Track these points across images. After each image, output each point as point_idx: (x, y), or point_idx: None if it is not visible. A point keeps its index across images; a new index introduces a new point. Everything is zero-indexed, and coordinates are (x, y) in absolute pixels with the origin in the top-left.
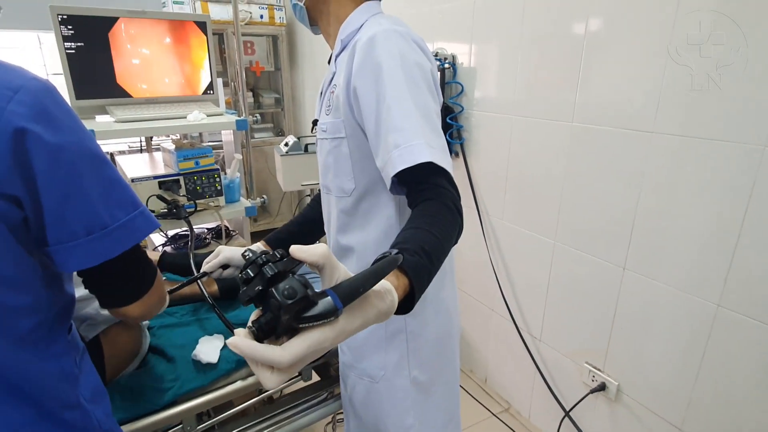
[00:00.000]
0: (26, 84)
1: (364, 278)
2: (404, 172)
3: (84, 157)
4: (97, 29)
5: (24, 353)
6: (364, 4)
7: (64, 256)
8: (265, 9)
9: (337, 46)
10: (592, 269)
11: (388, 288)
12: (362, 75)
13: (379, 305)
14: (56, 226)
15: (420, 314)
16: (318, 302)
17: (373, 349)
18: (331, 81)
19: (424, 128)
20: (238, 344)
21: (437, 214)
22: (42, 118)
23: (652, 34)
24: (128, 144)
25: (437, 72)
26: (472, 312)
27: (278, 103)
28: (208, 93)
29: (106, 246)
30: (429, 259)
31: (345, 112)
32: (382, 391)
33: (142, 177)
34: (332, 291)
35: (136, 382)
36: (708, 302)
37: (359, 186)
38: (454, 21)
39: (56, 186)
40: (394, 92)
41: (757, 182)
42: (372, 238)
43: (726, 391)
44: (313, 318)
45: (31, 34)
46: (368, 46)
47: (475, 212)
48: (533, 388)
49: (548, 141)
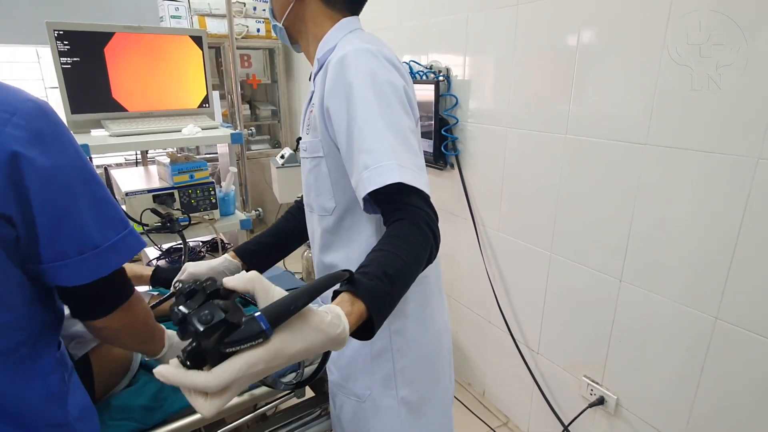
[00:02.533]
0: (22, 106)
1: (295, 297)
2: (376, 192)
3: (77, 178)
4: (93, 44)
5: (8, 371)
6: (341, 21)
7: (56, 273)
8: (262, 23)
9: (315, 65)
10: (588, 281)
11: (336, 313)
12: (334, 95)
13: (326, 330)
14: (49, 246)
15: (405, 332)
16: (243, 325)
17: (359, 369)
18: (310, 100)
19: (396, 148)
20: (163, 372)
21: (405, 235)
22: (37, 141)
23: (644, 45)
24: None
25: (412, 88)
26: (469, 324)
27: (275, 115)
28: (204, 106)
29: (97, 265)
30: (391, 282)
31: (322, 131)
32: (369, 410)
33: (137, 191)
34: (260, 313)
35: (126, 401)
36: (706, 315)
37: (340, 205)
38: (448, 34)
39: (50, 207)
40: (365, 113)
41: (752, 194)
42: (355, 256)
43: (726, 405)
44: (237, 342)
45: (29, 48)
46: (339, 66)
47: (470, 224)
48: (531, 402)
49: (543, 153)
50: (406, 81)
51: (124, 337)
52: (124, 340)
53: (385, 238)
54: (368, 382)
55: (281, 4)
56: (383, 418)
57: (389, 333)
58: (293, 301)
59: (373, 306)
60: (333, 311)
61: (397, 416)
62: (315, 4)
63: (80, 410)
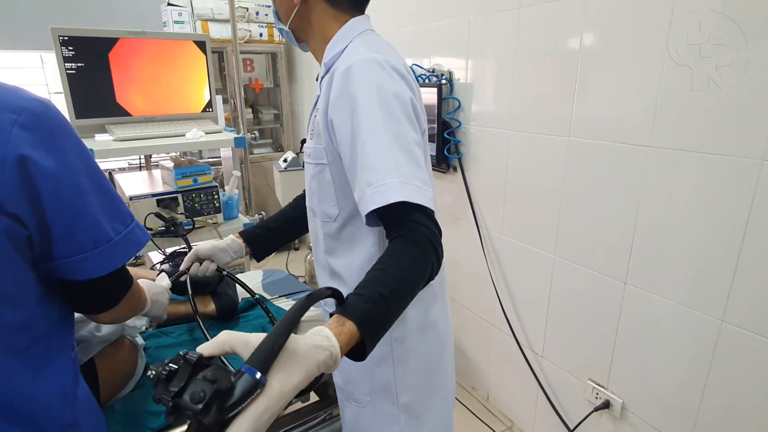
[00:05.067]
0: (28, 106)
1: (276, 335)
2: (379, 209)
3: (85, 175)
4: (97, 50)
5: (23, 371)
6: (350, 21)
7: (71, 267)
8: (264, 27)
9: (322, 69)
10: (592, 284)
11: (325, 335)
12: (338, 108)
13: (317, 355)
14: (64, 242)
15: (406, 340)
16: (236, 385)
17: (359, 374)
18: (315, 103)
19: (400, 163)
20: None
21: (406, 253)
22: (44, 141)
23: (646, 47)
24: (128, 161)
25: (420, 99)
26: (472, 327)
27: (277, 119)
28: (208, 111)
29: (112, 257)
30: (385, 303)
31: (325, 139)
32: (368, 416)
33: (140, 195)
34: (246, 365)
35: (131, 406)
36: (711, 317)
37: (343, 212)
38: (450, 37)
39: (62, 206)
40: (369, 127)
41: (757, 195)
42: (357, 264)
43: (733, 408)
44: (237, 403)
45: (33, 54)
46: (344, 77)
47: (474, 227)
48: (536, 406)
49: (546, 155)
50: (414, 92)
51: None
52: (122, 320)
53: (385, 257)
54: (368, 389)
55: (286, 7)
56: (382, 424)
57: (390, 340)
58: (275, 340)
59: (365, 329)
60: (321, 333)
61: (397, 423)
62: (320, 5)
63: (89, 413)
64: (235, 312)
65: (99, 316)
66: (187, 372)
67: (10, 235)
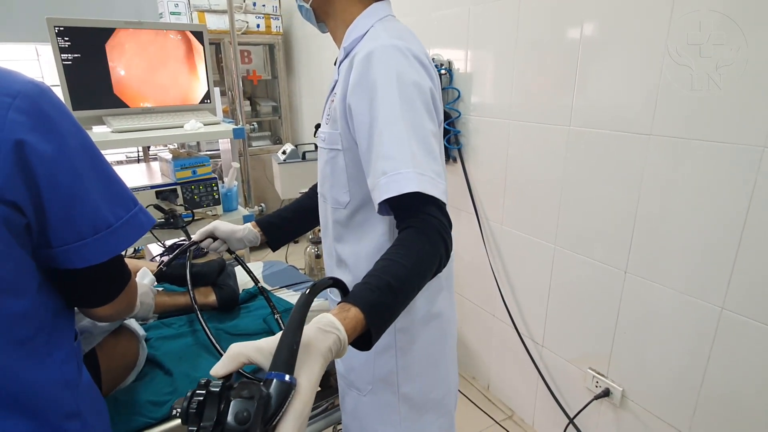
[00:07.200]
0: (23, 89)
1: (290, 336)
2: (391, 199)
3: (83, 159)
4: (93, 40)
5: (25, 360)
6: (372, 5)
7: (69, 255)
8: (262, 18)
9: (341, 53)
10: (593, 273)
11: (329, 320)
12: (357, 94)
13: (326, 341)
14: (62, 229)
15: (410, 331)
16: (271, 393)
17: (361, 363)
18: (333, 88)
19: (416, 154)
20: None
21: (415, 244)
22: (40, 125)
23: (647, 36)
24: (126, 154)
25: (438, 89)
26: (473, 318)
27: (275, 111)
28: (206, 102)
29: (112, 244)
30: (393, 293)
31: (342, 125)
32: (368, 404)
33: (139, 187)
34: (272, 371)
35: (133, 396)
36: (711, 305)
37: (354, 199)
38: (450, 27)
39: (60, 191)
40: (387, 115)
41: (757, 183)
42: (365, 252)
43: (733, 395)
44: (278, 411)
45: (28, 46)
46: (365, 62)
47: (474, 217)
48: (536, 395)
49: (546, 145)
50: (434, 81)
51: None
52: (118, 318)
53: (395, 247)
54: (370, 377)
55: None
56: (382, 414)
57: (394, 331)
58: (291, 339)
59: (371, 317)
60: (325, 319)
61: (397, 412)
62: None
63: (92, 401)
64: (236, 303)
65: (97, 310)
66: (215, 400)
67: (8, 224)
